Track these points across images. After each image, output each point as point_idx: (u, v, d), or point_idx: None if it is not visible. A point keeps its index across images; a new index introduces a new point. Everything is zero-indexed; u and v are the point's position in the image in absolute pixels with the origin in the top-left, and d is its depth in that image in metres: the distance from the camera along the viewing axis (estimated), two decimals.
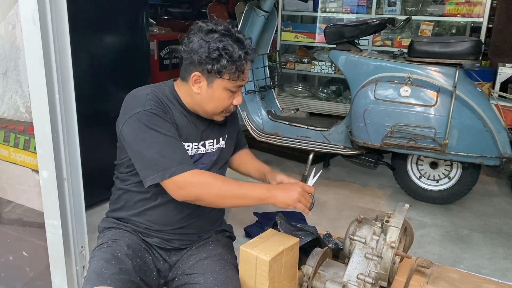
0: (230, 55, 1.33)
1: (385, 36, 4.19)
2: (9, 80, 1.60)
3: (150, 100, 1.37)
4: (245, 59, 1.36)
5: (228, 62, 1.33)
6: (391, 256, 1.52)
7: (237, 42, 1.35)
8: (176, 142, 1.36)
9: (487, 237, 2.38)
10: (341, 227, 2.40)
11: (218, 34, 1.35)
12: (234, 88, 1.39)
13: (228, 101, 1.42)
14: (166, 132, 1.34)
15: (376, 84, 2.52)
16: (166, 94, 1.44)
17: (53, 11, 1.42)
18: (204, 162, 1.51)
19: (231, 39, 1.35)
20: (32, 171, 1.69)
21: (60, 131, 1.50)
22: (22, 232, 1.94)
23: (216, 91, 1.39)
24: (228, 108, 1.44)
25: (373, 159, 2.75)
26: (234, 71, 1.34)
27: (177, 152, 1.34)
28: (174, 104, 1.44)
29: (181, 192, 1.34)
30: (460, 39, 2.48)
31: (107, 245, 1.42)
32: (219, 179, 1.37)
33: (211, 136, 1.52)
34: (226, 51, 1.33)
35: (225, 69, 1.33)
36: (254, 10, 2.95)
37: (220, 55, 1.32)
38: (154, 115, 1.34)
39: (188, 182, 1.32)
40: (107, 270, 1.29)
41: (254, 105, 3.13)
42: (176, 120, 1.42)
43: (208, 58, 1.33)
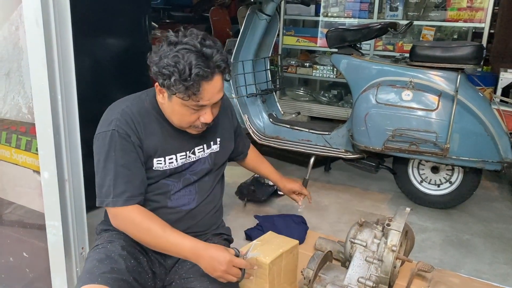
0: (180, 73, 1.24)
1: (386, 40, 4.20)
2: (11, 81, 1.61)
3: (117, 120, 1.35)
4: (198, 80, 1.25)
5: (177, 81, 1.24)
6: (392, 259, 1.52)
7: (198, 59, 1.24)
8: (124, 172, 1.34)
9: (488, 242, 2.37)
10: (341, 231, 2.40)
11: (180, 47, 1.26)
12: (194, 107, 1.31)
13: (191, 117, 1.35)
14: (119, 160, 1.34)
15: (377, 88, 2.53)
16: (145, 106, 1.41)
17: (56, 13, 1.43)
18: (194, 170, 1.50)
19: (192, 54, 1.25)
20: (33, 172, 1.70)
21: (62, 133, 1.51)
22: (22, 233, 1.94)
23: (175, 106, 1.34)
24: (195, 124, 1.37)
25: (374, 163, 2.74)
26: (184, 91, 1.26)
27: (120, 184, 1.33)
28: (152, 116, 1.41)
29: (113, 221, 1.40)
30: (461, 43, 2.48)
31: (102, 246, 1.43)
32: (149, 225, 1.33)
33: (200, 142, 1.50)
34: (176, 68, 1.24)
35: (174, 87, 1.26)
36: (256, 14, 2.95)
37: (170, 72, 1.25)
38: (114, 138, 1.34)
39: (119, 216, 1.36)
40: (99, 269, 1.30)
41: (256, 108, 3.13)
42: (151, 134, 1.39)
43: (159, 73, 1.28)
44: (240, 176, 2.83)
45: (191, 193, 1.50)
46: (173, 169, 1.46)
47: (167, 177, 1.46)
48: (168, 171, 1.45)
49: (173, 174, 1.47)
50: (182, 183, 1.49)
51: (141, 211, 1.36)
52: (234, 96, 2.97)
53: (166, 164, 1.44)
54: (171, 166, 1.45)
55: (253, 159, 1.96)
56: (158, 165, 1.43)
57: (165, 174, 1.45)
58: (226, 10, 6.12)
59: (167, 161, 1.43)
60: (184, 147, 1.46)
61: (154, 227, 1.33)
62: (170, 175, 1.46)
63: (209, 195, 1.56)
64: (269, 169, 2.02)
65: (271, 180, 2.06)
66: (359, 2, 4.22)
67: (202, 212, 1.54)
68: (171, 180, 1.47)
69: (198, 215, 1.52)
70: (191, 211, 1.50)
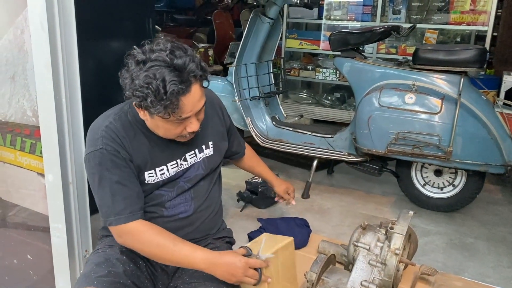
0: (155, 94, 1.17)
1: (389, 43, 4.21)
2: (16, 84, 1.62)
3: (102, 138, 1.32)
4: (176, 96, 1.18)
5: (153, 102, 1.18)
6: (395, 263, 1.52)
7: (171, 74, 1.18)
8: (120, 189, 1.31)
9: (492, 245, 2.37)
10: (344, 234, 2.40)
11: (149, 64, 1.19)
12: (177, 121, 1.26)
13: (176, 130, 1.30)
14: (113, 177, 1.31)
15: (380, 91, 2.53)
16: (129, 120, 1.37)
17: (61, 17, 1.44)
18: (188, 176, 1.48)
19: (164, 70, 1.18)
20: (37, 174, 1.71)
21: (66, 136, 1.52)
22: (26, 235, 1.95)
23: (158, 122, 1.29)
24: (182, 134, 1.33)
25: (377, 166, 2.74)
26: (163, 110, 1.20)
27: (119, 201, 1.31)
28: (137, 129, 1.37)
29: (119, 239, 1.36)
30: (465, 47, 2.48)
31: (101, 250, 1.43)
32: (157, 239, 1.30)
33: (190, 147, 1.46)
34: (150, 90, 1.17)
35: (152, 108, 1.20)
36: (259, 17, 2.96)
37: (145, 94, 1.18)
38: (103, 156, 1.31)
39: (125, 233, 1.33)
40: (96, 272, 1.30)
41: (258, 111, 3.14)
42: (138, 148, 1.36)
43: (134, 96, 1.21)
44: (243, 179, 2.84)
45: (186, 200, 1.47)
46: (166, 180, 1.43)
47: (161, 187, 1.43)
48: (161, 182, 1.42)
49: (167, 183, 1.44)
50: (176, 191, 1.46)
51: (147, 226, 1.33)
52: (237, 99, 2.98)
53: (157, 176, 1.40)
54: (163, 177, 1.42)
55: (249, 159, 1.95)
56: (150, 178, 1.39)
57: (158, 185, 1.42)
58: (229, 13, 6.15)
59: (158, 173, 1.40)
60: (174, 156, 1.43)
61: (164, 241, 1.31)
62: (163, 185, 1.43)
63: (206, 199, 1.53)
64: (264, 169, 2.04)
65: (266, 179, 2.08)
66: (362, 5, 4.22)
67: (200, 218, 1.51)
68: (164, 189, 1.44)
69: (197, 221, 1.50)
70: (188, 218, 1.48)
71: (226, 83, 3.11)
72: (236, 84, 3.00)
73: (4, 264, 1.99)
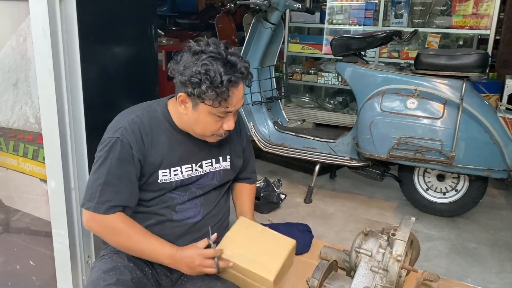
0: (211, 80, 1.26)
1: (391, 48, 4.20)
2: (19, 91, 1.63)
3: (124, 129, 1.36)
4: (229, 86, 1.28)
5: (208, 88, 1.27)
6: (397, 269, 1.51)
7: (225, 66, 1.28)
8: (114, 182, 1.34)
9: (495, 251, 2.36)
10: (347, 239, 2.39)
11: (206, 55, 1.29)
12: (221, 113, 1.34)
13: (215, 126, 1.37)
14: (113, 168, 1.34)
15: (382, 96, 2.53)
16: (157, 116, 1.42)
17: (64, 24, 1.45)
18: (201, 184, 1.49)
19: (219, 62, 1.28)
20: (40, 180, 1.71)
21: (69, 142, 1.53)
22: (29, 241, 1.95)
23: (201, 115, 1.35)
24: (219, 132, 1.39)
25: (379, 171, 2.74)
26: (215, 97, 1.28)
27: (107, 192, 1.34)
28: (163, 126, 1.42)
29: (88, 223, 1.40)
30: (467, 51, 2.48)
31: (108, 256, 1.43)
32: (129, 232, 1.35)
33: (208, 156, 1.49)
34: (207, 76, 1.26)
35: (205, 94, 1.28)
36: (261, 22, 2.97)
37: (201, 79, 1.27)
38: (116, 145, 1.34)
39: (98, 222, 1.36)
40: (104, 280, 1.30)
41: (261, 115, 3.14)
42: (158, 145, 1.39)
43: (189, 82, 1.29)
44: None
45: (196, 206, 1.49)
46: (179, 182, 1.44)
47: (173, 190, 1.45)
48: (174, 183, 1.44)
49: (179, 187, 1.45)
50: (188, 196, 1.47)
51: (123, 219, 1.36)
52: None
53: (171, 176, 1.42)
54: (176, 178, 1.43)
55: (247, 193, 1.74)
56: (163, 177, 1.41)
57: (171, 187, 1.44)
58: (231, 18, 6.16)
59: (172, 173, 1.42)
60: (190, 159, 1.45)
61: (135, 233, 1.36)
62: (176, 188, 1.45)
63: (214, 207, 1.55)
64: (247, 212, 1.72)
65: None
66: (364, 10, 4.22)
67: (207, 225, 1.52)
68: (176, 193, 1.46)
69: (204, 227, 1.51)
70: (196, 224, 1.49)
71: None
72: None
73: (7, 269, 2.00)
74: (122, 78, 2.59)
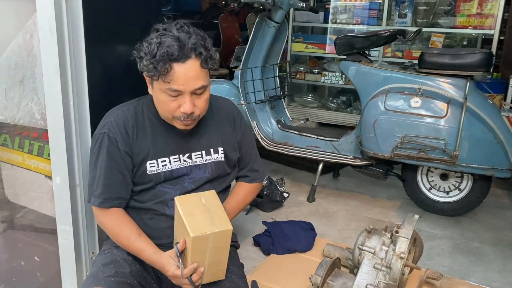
0: (150, 53, 1.27)
1: (395, 47, 4.20)
2: (25, 87, 1.64)
3: (110, 124, 1.40)
4: (167, 58, 1.25)
5: (146, 61, 1.27)
6: (400, 267, 1.52)
7: (174, 42, 1.26)
8: (105, 175, 1.39)
9: (498, 250, 2.36)
10: (349, 237, 2.40)
11: (161, 33, 1.30)
12: (171, 92, 1.30)
13: (171, 105, 1.33)
14: (103, 162, 1.39)
15: (386, 95, 2.53)
16: (142, 108, 1.45)
17: (70, 21, 1.46)
18: (193, 177, 1.48)
19: (167, 37, 1.27)
20: (45, 177, 1.72)
21: (74, 138, 1.54)
22: (34, 237, 1.96)
23: (156, 93, 1.36)
24: (176, 114, 1.34)
25: (383, 170, 2.74)
26: (153, 70, 1.27)
27: (100, 185, 1.40)
28: (147, 118, 1.44)
29: (96, 218, 1.50)
30: (471, 51, 2.48)
31: (108, 251, 1.46)
32: (117, 231, 1.40)
33: (197, 148, 1.48)
34: (147, 49, 1.27)
35: (146, 67, 1.29)
36: (265, 21, 2.98)
37: (144, 53, 1.29)
38: (104, 140, 1.40)
39: (97, 216, 1.46)
40: (103, 273, 1.32)
41: (264, 114, 3.15)
42: (144, 137, 1.42)
43: (137, 57, 1.32)
44: None
45: None
46: (168, 173, 1.44)
47: (163, 182, 1.45)
48: (163, 174, 1.44)
49: (170, 180, 1.45)
50: (180, 190, 1.46)
51: (113, 216, 1.41)
52: (242, 103, 2.99)
53: (159, 166, 1.43)
54: (165, 168, 1.43)
55: (243, 193, 1.68)
56: (151, 168, 1.43)
57: (160, 179, 1.44)
58: (235, 17, 6.16)
59: (160, 164, 1.43)
60: (178, 150, 1.45)
61: (122, 234, 1.40)
62: (166, 181, 1.45)
63: None
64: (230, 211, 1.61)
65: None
66: (367, 9, 4.22)
67: None
68: (168, 186, 1.46)
69: None
70: None
71: (232, 87, 3.12)
72: (242, 87, 3.01)
73: (12, 265, 2.01)
74: (127, 76, 2.59)
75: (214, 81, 3.31)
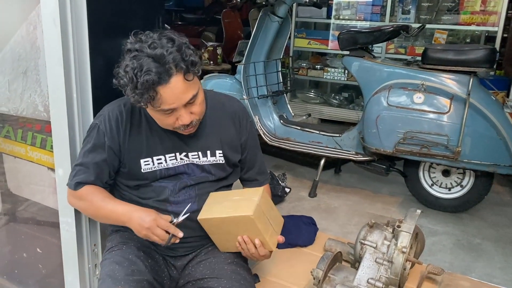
0: (131, 83, 1.19)
1: (398, 44, 4.19)
2: (28, 79, 1.64)
3: (104, 116, 1.41)
4: (150, 86, 1.17)
5: (130, 91, 1.21)
6: (402, 261, 1.52)
7: (151, 63, 1.18)
8: (87, 163, 1.40)
9: (499, 246, 2.36)
10: (351, 233, 2.40)
11: (134, 54, 1.20)
12: (162, 111, 1.25)
13: (168, 120, 1.30)
14: (88, 152, 1.40)
15: (389, 90, 2.53)
16: (140, 107, 1.38)
17: (73, 13, 1.45)
18: (192, 175, 1.44)
19: (145, 59, 1.18)
20: (48, 169, 1.72)
21: (77, 130, 1.53)
22: (36, 229, 1.97)
23: (150, 111, 1.33)
24: (176, 126, 1.31)
25: (385, 166, 2.74)
26: (140, 99, 1.21)
27: (80, 171, 1.40)
28: (143, 115, 1.42)
29: (67, 199, 1.49)
30: (474, 47, 2.47)
31: (117, 248, 1.44)
32: (92, 198, 1.39)
33: (193, 149, 1.44)
34: (126, 79, 1.20)
35: (132, 97, 1.22)
36: (268, 16, 2.97)
37: (124, 82, 1.22)
38: (93, 130, 1.41)
39: (71, 196, 1.45)
40: (120, 272, 1.30)
41: (266, 109, 3.15)
42: (138, 134, 1.40)
43: (119, 85, 1.25)
44: None
45: (190, 196, 1.44)
46: (164, 171, 1.42)
47: (161, 179, 1.43)
48: (158, 172, 1.42)
49: (167, 177, 1.43)
50: (179, 186, 1.44)
51: (88, 189, 1.40)
52: (245, 97, 2.99)
53: (154, 164, 1.41)
54: (160, 166, 1.41)
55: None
56: (146, 166, 1.40)
57: (156, 177, 1.42)
58: (237, 13, 6.14)
59: (156, 162, 1.41)
60: (174, 149, 1.42)
61: (95, 198, 1.38)
62: (163, 178, 1.43)
63: None
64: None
65: None
66: (371, 5, 4.21)
67: None
68: (166, 181, 1.43)
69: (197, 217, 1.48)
70: (192, 215, 1.43)
71: (234, 82, 3.12)
72: (245, 82, 3.01)
73: (14, 258, 2.01)
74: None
75: (216, 76, 3.31)
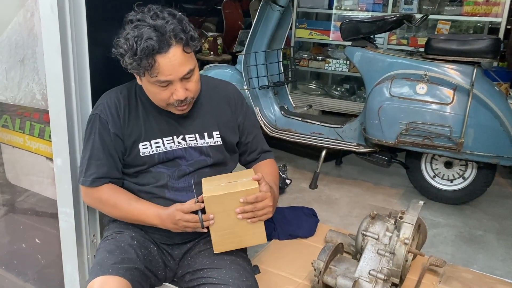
0: (130, 50, 1.21)
1: (401, 34, 4.15)
2: (26, 67, 1.62)
3: (102, 105, 1.41)
4: (149, 53, 1.20)
5: (129, 59, 1.23)
6: (404, 252, 1.51)
7: (152, 33, 1.20)
8: (97, 155, 1.40)
9: (501, 238, 2.34)
10: (352, 224, 2.39)
11: (135, 24, 1.23)
12: (158, 83, 1.28)
13: (163, 95, 1.31)
14: (95, 143, 1.40)
15: (391, 81, 2.50)
16: (135, 90, 1.45)
17: (71, 1, 1.43)
18: (189, 160, 1.44)
19: (146, 28, 1.21)
20: (46, 159, 1.71)
21: (75, 120, 1.52)
22: (35, 220, 1.96)
23: (145, 84, 1.34)
24: (170, 102, 1.32)
25: (386, 157, 2.72)
26: (138, 67, 1.23)
27: (92, 166, 1.41)
28: (139, 100, 1.43)
29: (84, 198, 1.51)
30: (478, 37, 2.44)
31: (111, 237, 1.44)
32: (115, 200, 1.40)
33: (190, 131, 1.44)
34: (126, 45, 1.22)
35: (129, 65, 1.25)
36: (269, 5, 2.93)
37: (124, 50, 1.23)
38: (95, 121, 1.41)
39: (88, 195, 1.45)
40: (109, 260, 1.31)
41: (267, 100, 3.12)
42: (136, 119, 1.41)
43: (117, 53, 1.27)
44: None
45: (189, 184, 1.43)
46: (163, 155, 1.42)
47: (159, 164, 1.43)
48: (156, 156, 1.42)
49: (166, 162, 1.43)
50: (178, 173, 1.44)
51: (109, 189, 1.42)
52: (245, 88, 2.96)
53: (152, 148, 1.42)
54: (158, 150, 1.42)
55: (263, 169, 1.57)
56: (144, 149, 1.42)
57: (154, 161, 1.42)
58: (238, 3, 6.09)
59: (154, 146, 1.42)
60: (171, 132, 1.43)
61: (120, 201, 1.40)
62: (162, 162, 1.43)
63: None
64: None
65: None
66: None
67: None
68: (165, 167, 1.43)
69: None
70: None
71: (235, 72, 3.09)
72: (245, 72, 2.98)
73: (13, 248, 2.01)
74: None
75: (216, 66, 3.28)
